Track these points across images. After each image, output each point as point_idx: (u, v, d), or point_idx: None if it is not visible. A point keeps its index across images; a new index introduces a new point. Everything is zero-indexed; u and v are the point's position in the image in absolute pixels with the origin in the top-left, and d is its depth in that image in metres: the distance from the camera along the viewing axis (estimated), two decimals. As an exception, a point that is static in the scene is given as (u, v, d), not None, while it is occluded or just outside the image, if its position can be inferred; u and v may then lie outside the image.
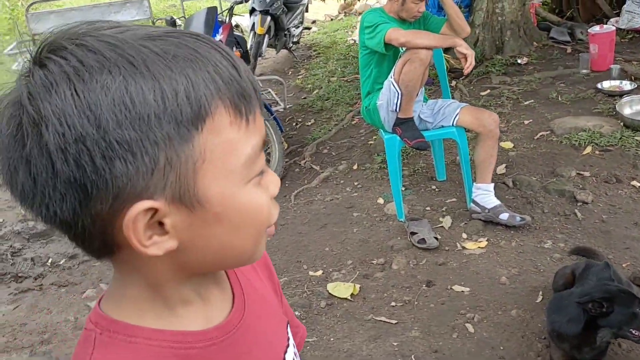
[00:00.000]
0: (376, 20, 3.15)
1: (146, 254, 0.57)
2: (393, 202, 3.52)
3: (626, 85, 4.57)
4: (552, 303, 2.23)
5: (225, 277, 0.73)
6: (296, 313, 2.75)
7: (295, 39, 7.39)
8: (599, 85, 4.63)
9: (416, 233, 3.18)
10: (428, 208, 3.55)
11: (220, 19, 4.61)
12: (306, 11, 7.78)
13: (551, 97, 4.69)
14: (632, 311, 1.95)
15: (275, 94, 5.53)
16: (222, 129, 0.56)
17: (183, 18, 6.57)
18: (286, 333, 0.82)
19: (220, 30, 4.46)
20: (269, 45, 6.61)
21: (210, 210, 0.58)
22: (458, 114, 3.23)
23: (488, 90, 5.06)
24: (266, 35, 6.24)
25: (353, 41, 7.63)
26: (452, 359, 2.38)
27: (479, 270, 2.91)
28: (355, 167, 4.27)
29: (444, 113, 3.29)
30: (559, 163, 3.72)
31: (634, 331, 1.95)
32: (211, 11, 4.44)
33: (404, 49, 3.13)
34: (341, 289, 2.91)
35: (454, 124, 3.24)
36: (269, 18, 6.22)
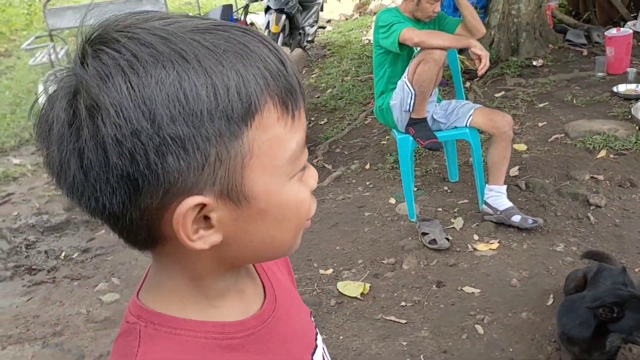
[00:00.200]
0: (391, 19, 3.15)
1: (193, 248, 0.58)
2: (405, 202, 3.52)
3: (642, 89, 4.53)
4: (563, 306, 2.22)
5: (254, 270, 0.75)
6: (306, 311, 2.76)
7: (309, 38, 7.39)
8: (615, 89, 4.60)
9: (427, 233, 3.18)
10: (440, 209, 3.55)
11: (235, 17, 4.63)
12: (321, 10, 7.78)
13: (566, 100, 4.66)
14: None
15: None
16: (270, 125, 0.57)
17: (198, 15, 6.60)
18: (312, 322, 0.83)
19: (235, 28, 4.47)
20: (284, 44, 6.62)
21: (255, 206, 0.59)
22: (471, 115, 3.22)
23: (502, 92, 5.04)
24: (281, 34, 6.25)
25: (367, 41, 7.62)
26: (461, 359, 2.38)
27: (489, 272, 2.90)
28: (367, 167, 4.27)
29: (457, 114, 3.28)
30: (572, 166, 3.70)
31: None
32: (227, 9, 4.47)
33: (418, 49, 3.13)
34: (351, 287, 2.91)
35: (468, 125, 3.24)
36: (283, 17, 6.23)
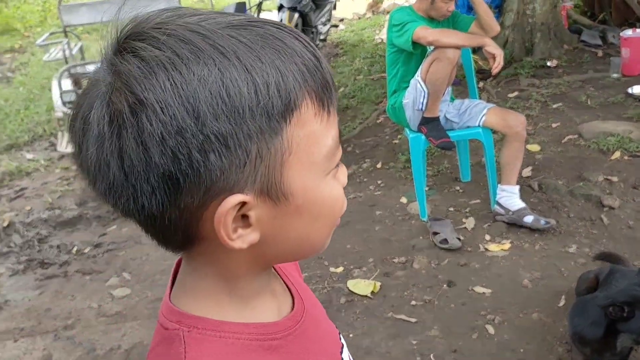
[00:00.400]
0: (404, 18, 3.13)
1: (232, 248, 0.57)
2: (416, 202, 3.51)
3: (658, 90, 4.49)
4: (576, 307, 2.21)
5: (275, 270, 0.74)
6: (316, 308, 2.76)
7: (322, 37, 7.39)
8: (630, 90, 4.56)
9: (438, 233, 3.17)
10: (451, 208, 3.53)
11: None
12: (334, 9, 7.78)
13: (580, 101, 4.63)
14: None
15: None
16: (308, 121, 0.56)
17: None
18: (330, 321, 0.83)
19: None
20: (296, 42, 6.61)
21: (292, 203, 0.58)
22: (485, 114, 3.20)
23: (516, 92, 5.01)
24: (293, 32, 6.25)
25: (380, 40, 7.60)
26: (472, 359, 2.37)
27: (501, 272, 2.89)
28: (379, 166, 4.27)
29: (470, 113, 3.27)
30: (586, 167, 3.67)
31: None
32: (240, 6, 4.48)
33: (432, 47, 3.12)
34: (361, 286, 2.91)
35: (480, 124, 3.22)
36: (296, 15, 6.24)
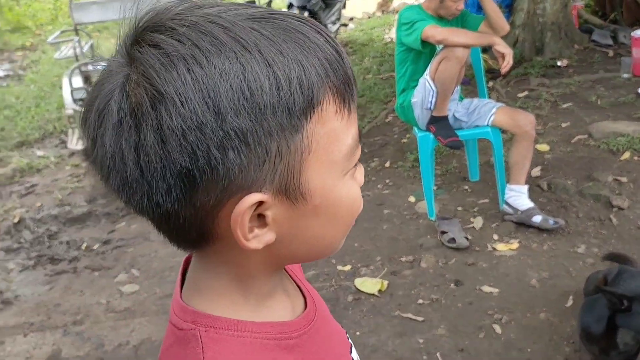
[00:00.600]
0: (414, 17, 3.13)
1: (248, 248, 0.55)
2: (424, 201, 3.50)
3: (669, 90, 4.46)
4: (584, 305, 2.21)
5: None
6: (323, 306, 2.77)
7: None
8: (641, 90, 4.53)
9: (446, 232, 3.17)
10: (459, 208, 3.53)
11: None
12: (344, 8, 7.78)
13: (590, 101, 4.61)
14: None
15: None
16: (329, 119, 0.55)
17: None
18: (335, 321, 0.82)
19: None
20: (306, 41, 6.63)
21: (310, 203, 0.57)
22: (494, 113, 3.20)
23: (526, 92, 4.99)
24: (303, 31, 6.26)
25: (390, 39, 7.59)
26: (478, 358, 2.37)
27: (509, 272, 2.88)
28: (387, 165, 4.26)
29: (479, 112, 3.26)
30: (595, 167, 3.65)
31: None
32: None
33: (441, 46, 3.12)
34: (369, 284, 2.91)
35: (489, 123, 3.21)
36: (306, 14, 6.25)
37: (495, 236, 3.19)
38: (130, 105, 0.51)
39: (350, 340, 0.79)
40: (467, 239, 3.13)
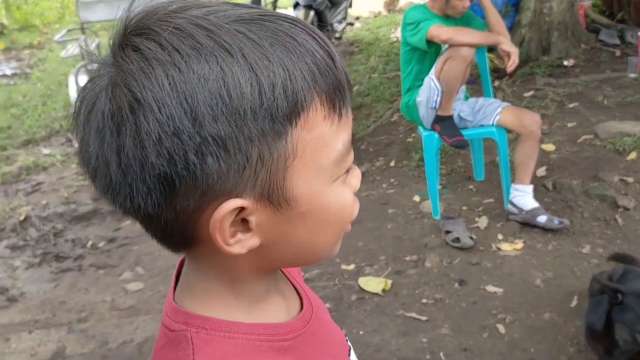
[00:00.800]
0: (419, 17, 3.13)
1: (230, 253, 0.55)
2: (429, 200, 3.50)
3: (676, 90, 4.44)
4: (590, 305, 2.21)
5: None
6: (327, 305, 2.77)
7: (337, 35, 7.39)
8: (648, 90, 4.51)
9: (451, 232, 3.16)
10: (464, 207, 3.52)
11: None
12: (350, 7, 7.78)
13: (597, 101, 4.59)
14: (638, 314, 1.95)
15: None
16: (316, 124, 0.54)
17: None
18: (335, 323, 0.82)
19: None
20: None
21: (296, 209, 0.56)
22: (499, 113, 3.19)
23: (532, 92, 4.98)
24: (309, 30, 6.25)
25: (396, 38, 7.58)
26: (482, 358, 2.36)
27: (513, 271, 2.88)
28: (392, 164, 4.26)
29: (484, 112, 3.25)
30: (601, 168, 3.64)
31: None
32: (255, 4, 4.48)
33: (446, 45, 3.11)
34: (372, 283, 2.91)
35: (495, 123, 3.20)
36: (312, 13, 6.25)
37: (499, 236, 3.18)
38: (111, 109, 0.51)
39: (349, 343, 0.78)
40: (472, 238, 3.12)
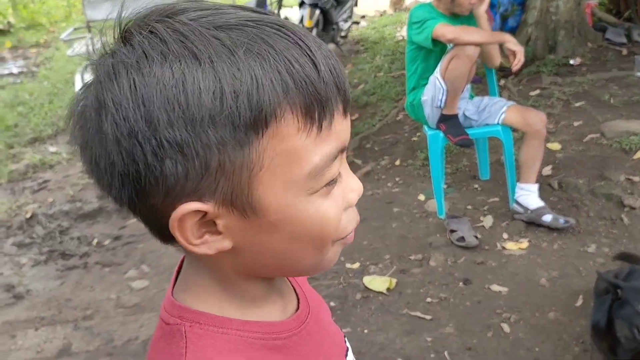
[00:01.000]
0: (424, 15, 3.12)
1: (195, 253, 0.56)
2: (434, 199, 3.49)
3: (683, 89, 4.41)
4: (595, 304, 2.21)
5: None
6: (331, 304, 2.77)
7: (343, 33, 7.37)
8: (655, 89, 4.48)
9: (456, 231, 3.15)
10: (469, 206, 3.51)
11: (268, 11, 4.65)
12: (355, 5, 7.76)
13: (603, 100, 4.57)
14: (637, 309, 1.95)
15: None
16: (287, 136, 0.52)
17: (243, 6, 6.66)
18: (335, 324, 0.82)
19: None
20: (317, 39, 6.61)
21: (265, 218, 0.55)
22: (504, 112, 3.18)
23: (538, 91, 4.96)
24: (314, 29, 6.25)
25: (402, 37, 7.57)
26: (486, 357, 2.36)
27: (518, 271, 2.87)
28: (397, 163, 4.26)
29: (489, 111, 3.24)
30: (607, 167, 3.62)
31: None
32: (260, 2, 4.49)
33: (451, 44, 3.10)
34: (377, 282, 2.91)
35: (500, 122, 3.19)
36: (317, 11, 6.24)
37: (505, 235, 3.17)
38: (82, 108, 0.54)
39: (347, 345, 0.78)
40: (477, 237, 3.11)
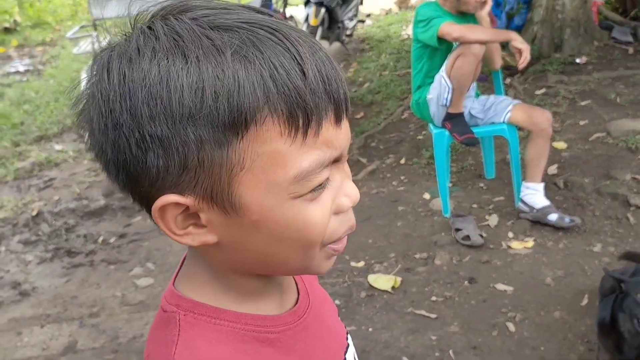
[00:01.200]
0: (430, 14, 3.11)
1: (180, 242, 0.58)
2: (439, 198, 3.49)
3: (690, 88, 4.39)
4: (601, 303, 2.20)
5: None
6: (336, 302, 2.77)
7: (348, 32, 7.37)
8: (661, 88, 4.46)
9: (461, 230, 3.15)
10: (475, 205, 3.51)
11: (274, 9, 4.65)
12: (361, 4, 7.75)
13: (609, 98, 4.55)
14: (636, 300, 1.96)
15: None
16: (269, 140, 0.52)
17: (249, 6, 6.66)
18: (340, 321, 0.82)
19: (275, 20, 4.50)
20: (322, 37, 6.62)
21: (247, 217, 0.56)
22: (510, 110, 3.17)
23: (544, 89, 4.94)
24: (320, 27, 6.25)
25: (407, 36, 7.56)
26: (491, 356, 2.36)
27: (523, 270, 2.86)
28: (402, 162, 4.25)
29: (495, 109, 3.24)
30: (613, 165, 3.61)
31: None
32: (266, 1, 4.48)
33: (457, 43, 3.10)
34: (382, 280, 2.91)
35: (505, 121, 3.19)
36: (323, 10, 6.23)
37: (510, 234, 3.17)
38: (85, 98, 0.57)
39: (348, 341, 0.79)
40: (482, 236, 3.11)
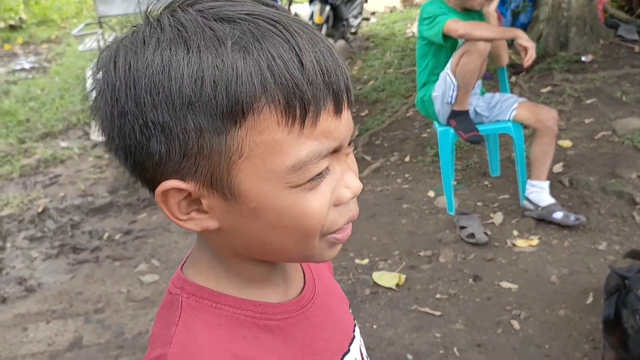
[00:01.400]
0: (435, 11, 3.11)
1: (183, 227, 0.59)
2: (444, 196, 3.48)
3: (696, 87, 4.37)
4: (606, 301, 2.20)
5: None
6: (340, 299, 2.77)
7: (353, 30, 7.37)
8: (667, 86, 4.45)
9: (465, 227, 3.15)
10: (479, 203, 3.50)
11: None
12: (366, 2, 7.75)
13: (615, 97, 4.54)
14: (637, 295, 1.96)
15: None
16: (267, 128, 0.54)
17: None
18: (350, 313, 0.83)
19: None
20: (327, 35, 6.62)
21: (246, 204, 0.57)
22: (515, 108, 3.16)
23: (549, 87, 4.93)
24: (324, 25, 6.25)
25: (412, 33, 7.55)
26: (496, 353, 2.36)
27: (528, 268, 2.86)
28: (407, 159, 4.25)
29: (500, 107, 3.23)
30: (619, 164, 3.60)
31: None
32: (271, -2, 4.47)
33: (462, 40, 3.09)
34: (386, 278, 2.91)
35: (511, 118, 3.18)
36: (328, 7, 6.24)
37: (515, 232, 3.16)
38: (94, 84, 0.59)
39: (355, 334, 0.79)
40: (487, 234, 3.11)
